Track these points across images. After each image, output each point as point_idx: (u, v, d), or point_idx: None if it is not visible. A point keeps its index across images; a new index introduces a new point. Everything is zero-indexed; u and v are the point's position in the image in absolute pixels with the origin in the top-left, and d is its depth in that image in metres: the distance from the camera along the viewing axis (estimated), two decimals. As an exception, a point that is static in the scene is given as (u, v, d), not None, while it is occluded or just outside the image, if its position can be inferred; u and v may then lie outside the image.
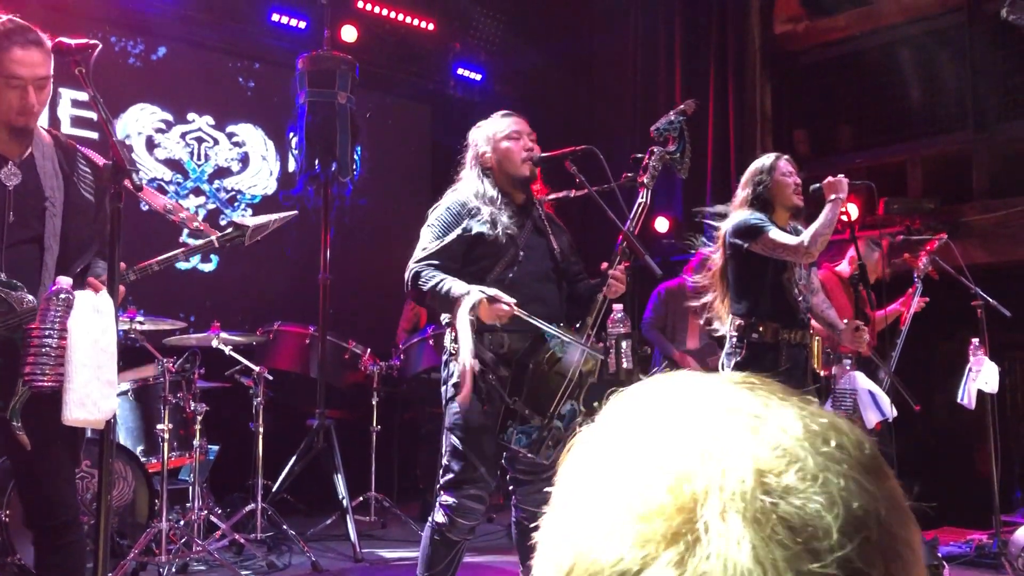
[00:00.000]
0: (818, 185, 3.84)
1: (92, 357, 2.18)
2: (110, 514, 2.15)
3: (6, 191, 2.57)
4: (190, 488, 4.53)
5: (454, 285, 2.92)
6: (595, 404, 3.04)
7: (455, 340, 3.05)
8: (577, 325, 3.10)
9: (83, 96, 5.83)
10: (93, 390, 2.16)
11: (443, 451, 3.09)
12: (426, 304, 3.13)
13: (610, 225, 3.13)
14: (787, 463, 0.44)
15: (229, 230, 2.66)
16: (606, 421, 0.50)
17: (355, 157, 5.58)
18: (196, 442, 4.47)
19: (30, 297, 2.50)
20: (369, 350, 5.64)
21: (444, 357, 3.14)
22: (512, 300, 2.88)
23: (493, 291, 2.88)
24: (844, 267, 5.27)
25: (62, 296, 2.26)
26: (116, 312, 2.25)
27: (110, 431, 2.20)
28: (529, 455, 2.96)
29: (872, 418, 3.99)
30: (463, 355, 2.85)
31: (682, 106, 3.34)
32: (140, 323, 4.31)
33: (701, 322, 6.10)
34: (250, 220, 2.68)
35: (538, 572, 0.48)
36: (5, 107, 2.54)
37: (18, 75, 2.51)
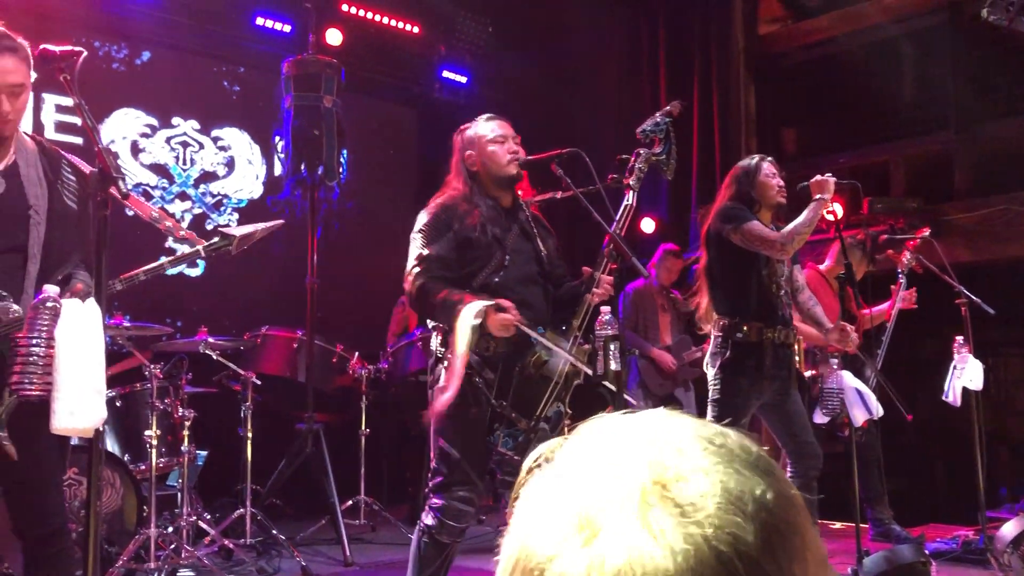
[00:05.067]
0: (805, 184, 3.87)
1: (80, 365, 2.17)
2: (99, 521, 2.15)
3: (-10, 199, 2.55)
4: (178, 494, 4.52)
5: (464, 297, 2.93)
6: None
7: (442, 344, 3.06)
8: (563, 328, 3.11)
9: (67, 101, 5.81)
10: (82, 399, 2.15)
11: (431, 454, 3.09)
12: (434, 318, 3.08)
13: (596, 227, 3.14)
14: (677, 458, 0.55)
15: (216, 239, 2.65)
16: (548, 449, 0.62)
17: (341, 160, 5.57)
18: (184, 448, 4.45)
19: (15, 307, 2.48)
20: (357, 354, 5.64)
21: (431, 360, 3.14)
22: (518, 314, 2.90)
23: (501, 301, 2.89)
24: (828, 265, 5.31)
25: (49, 304, 2.25)
26: (103, 320, 2.25)
27: (99, 439, 2.19)
28: (516, 458, 2.97)
29: (859, 416, 4.01)
30: (458, 356, 2.86)
31: (668, 107, 3.34)
32: (127, 329, 4.29)
33: (670, 318, 6.16)
34: (237, 230, 2.67)
35: (499, 565, 0.59)
36: None
37: None
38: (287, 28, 6.88)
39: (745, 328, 3.81)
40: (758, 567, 0.51)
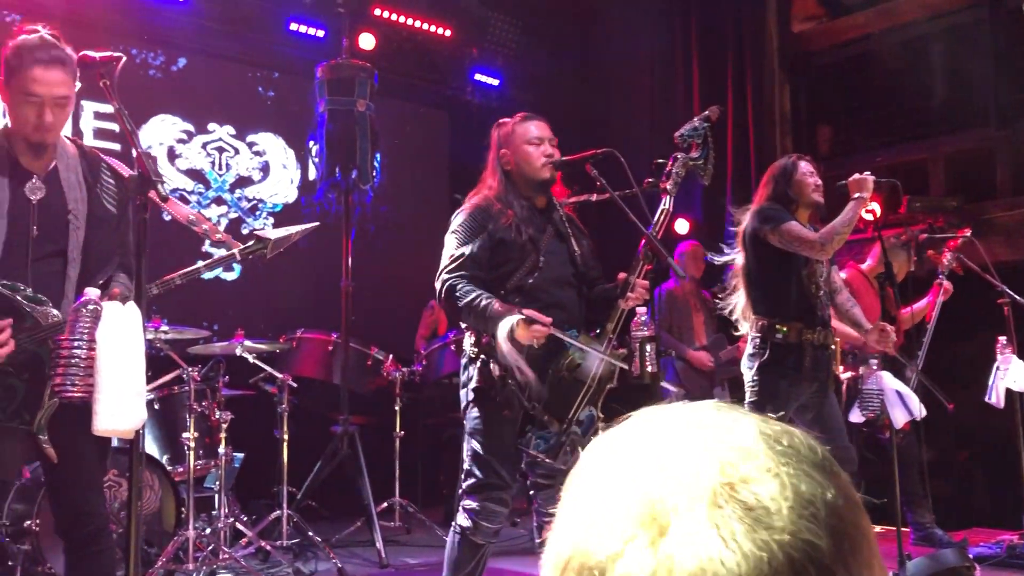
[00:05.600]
0: (844, 182, 3.83)
1: (121, 367, 2.19)
2: (139, 523, 2.17)
3: (30, 205, 2.58)
4: (216, 496, 4.56)
5: (490, 303, 2.92)
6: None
7: (474, 344, 3.06)
8: (597, 331, 3.09)
9: (105, 108, 5.89)
10: (123, 400, 2.18)
11: (464, 456, 3.09)
12: (461, 319, 3.09)
13: (631, 229, 3.11)
14: (744, 458, 0.53)
15: (251, 243, 2.67)
16: (601, 442, 0.59)
17: (375, 164, 5.61)
18: (221, 450, 4.49)
19: (55, 311, 2.51)
20: (391, 356, 5.65)
21: (463, 361, 3.14)
22: (548, 320, 2.88)
23: (529, 312, 2.87)
24: (870, 265, 5.24)
25: (90, 307, 2.28)
26: (143, 323, 2.27)
27: (139, 441, 2.22)
28: (547, 460, 2.96)
29: (900, 418, 3.95)
30: (522, 369, 2.86)
31: (706, 112, 3.31)
32: (164, 332, 4.34)
33: (704, 318, 6.10)
34: (272, 233, 2.68)
35: (543, 565, 0.57)
36: (22, 122, 2.55)
37: (35, 93, 2.50)
38: (320, 33, 6.92)
39: (785, 329, 3.77)
40: (831, 575, 0.50)
